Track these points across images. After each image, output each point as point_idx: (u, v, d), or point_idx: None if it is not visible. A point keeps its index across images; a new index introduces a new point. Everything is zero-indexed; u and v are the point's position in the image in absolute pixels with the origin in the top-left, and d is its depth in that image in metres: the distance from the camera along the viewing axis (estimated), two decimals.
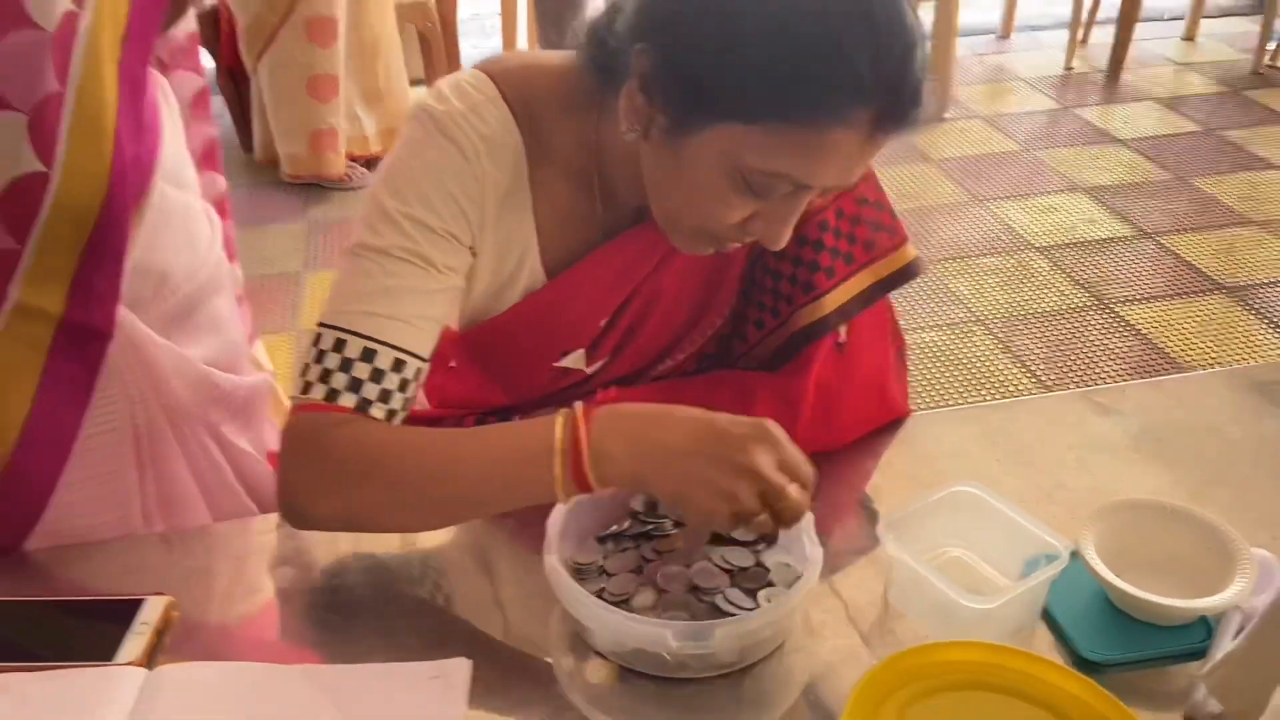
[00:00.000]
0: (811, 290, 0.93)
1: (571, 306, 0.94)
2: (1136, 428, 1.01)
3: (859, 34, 0.70)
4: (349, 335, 0.81)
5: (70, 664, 0.75)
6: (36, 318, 0.83)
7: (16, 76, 0.74)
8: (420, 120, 0.85)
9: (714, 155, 0.76)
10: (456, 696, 0.75)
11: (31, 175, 0.78)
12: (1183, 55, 4.50)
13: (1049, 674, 0.74)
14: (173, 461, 0.94)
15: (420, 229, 0.83)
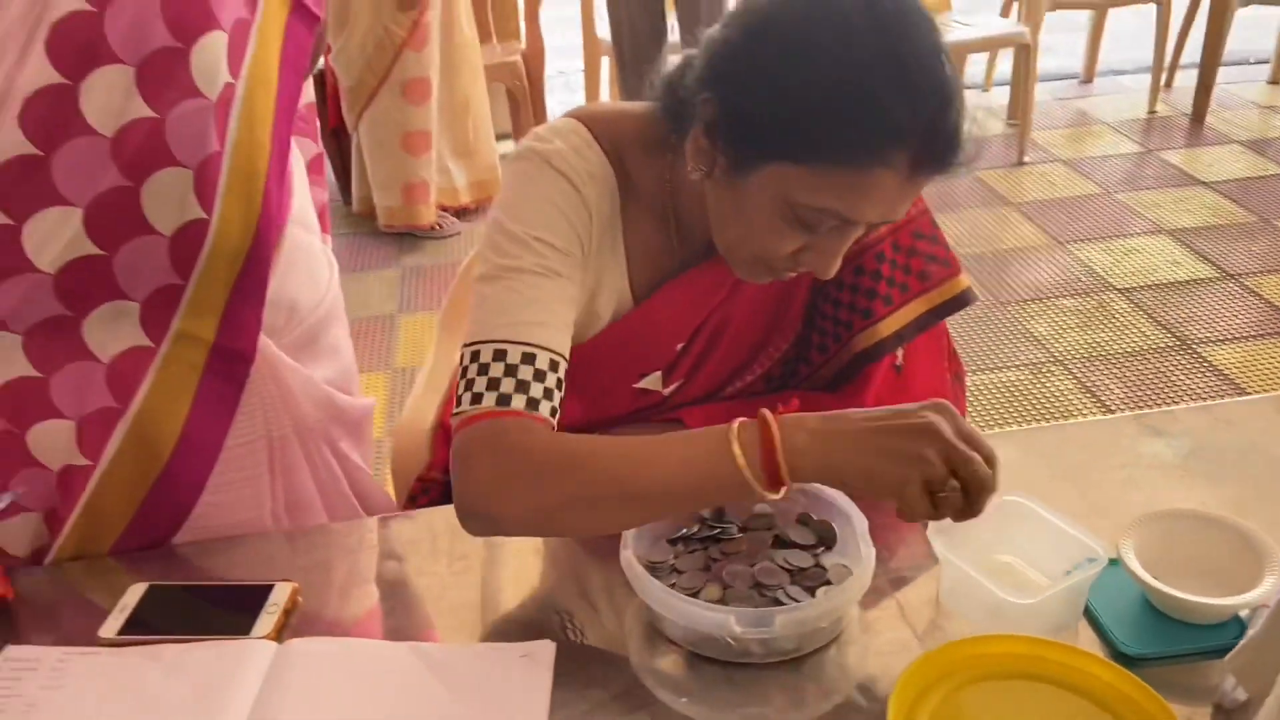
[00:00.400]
0: (870, 316, 1.02)
1: (652, 331, 1.03)
2: (1186, 448, 1.06)
3: (895, 86, 0.79)
4: (508, 344, 0.88)
5: (213, 637, 0.86)
6: (193, 344, 0.95)
7: (186, 138, 0.87)
8: (528, 158, 0.95)
9: (768, 192, 0.85)
10: (542, 674, 0.84)
11: (195, 222, 0.90)
12: (1269, 99, 4.45)
13: (1088, 665, 0.80)
14: (298, 470, 1.06)
15: (547, 247, 0.92)
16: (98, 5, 0.82)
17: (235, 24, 0.88)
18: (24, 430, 0.94)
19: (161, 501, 0.99)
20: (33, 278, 0.88)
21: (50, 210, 0.86)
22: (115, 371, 0.94)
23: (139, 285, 0.92)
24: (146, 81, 0.85)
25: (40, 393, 0.93)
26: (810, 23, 0.81)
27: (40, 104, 0.83)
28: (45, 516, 0.98)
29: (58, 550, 0.98)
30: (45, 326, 0.91)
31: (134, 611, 0.90)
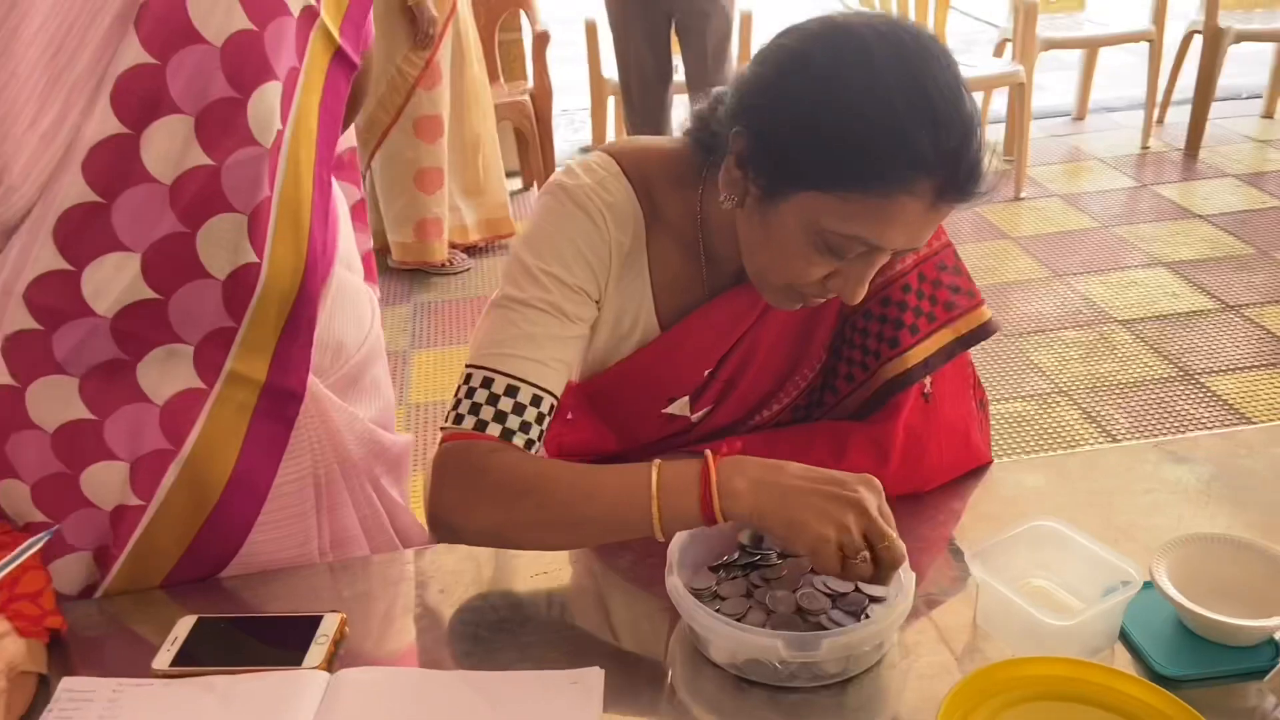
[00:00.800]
0: (898, 345, 1.04)
1: (680, 357, 1.06)
2: (1208, 474, 1.08)
3: (920, 119, 0.82)
4: (495, 374, 0.95)
5: (265, 668, 0.88)
6: (245, 384, 0.97)
7: (240, 185, 0.90)
8: (554, 193, 1.00)
9: (798, 220, 0.88)
10: (593, 700, 0.85)
11: (248, 265, 0.93)
12: (1262, 132, 4.53)
13: (1128, 686, 0.81)
14: (343, 507, 1.08)
15: (556, 283, 0.97)
16: (160, 58, 0.85)
17: (288, 73, 0.91)
18: (78, 472, 0.95)
19: (211, 539, 1.00)
20: (91, 322, 0.90)
21: (109, 256, 0.88)
22: (169, 413, 0.96)
23: (193, 328, 0.94)
24: (205, 130, 0.87)
25: (95, 435, 0.94)
26: (838, 59, 0.85)
27: (103, 154, 0.85)
28: (95, 554, 0.99)
29: (107, 586, 1.00)
30: (101, 370, 0.93)
31: (184, 644, 0.91)
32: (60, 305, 0.88)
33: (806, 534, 0.84)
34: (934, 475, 1.08)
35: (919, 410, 1.06)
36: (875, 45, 0.84)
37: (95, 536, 0.98)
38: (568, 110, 5.27)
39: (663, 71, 3.64)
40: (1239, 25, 4.10)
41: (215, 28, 0.86)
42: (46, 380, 0.91)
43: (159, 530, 0.98)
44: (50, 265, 0.87)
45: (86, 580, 1.00)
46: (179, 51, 0.85)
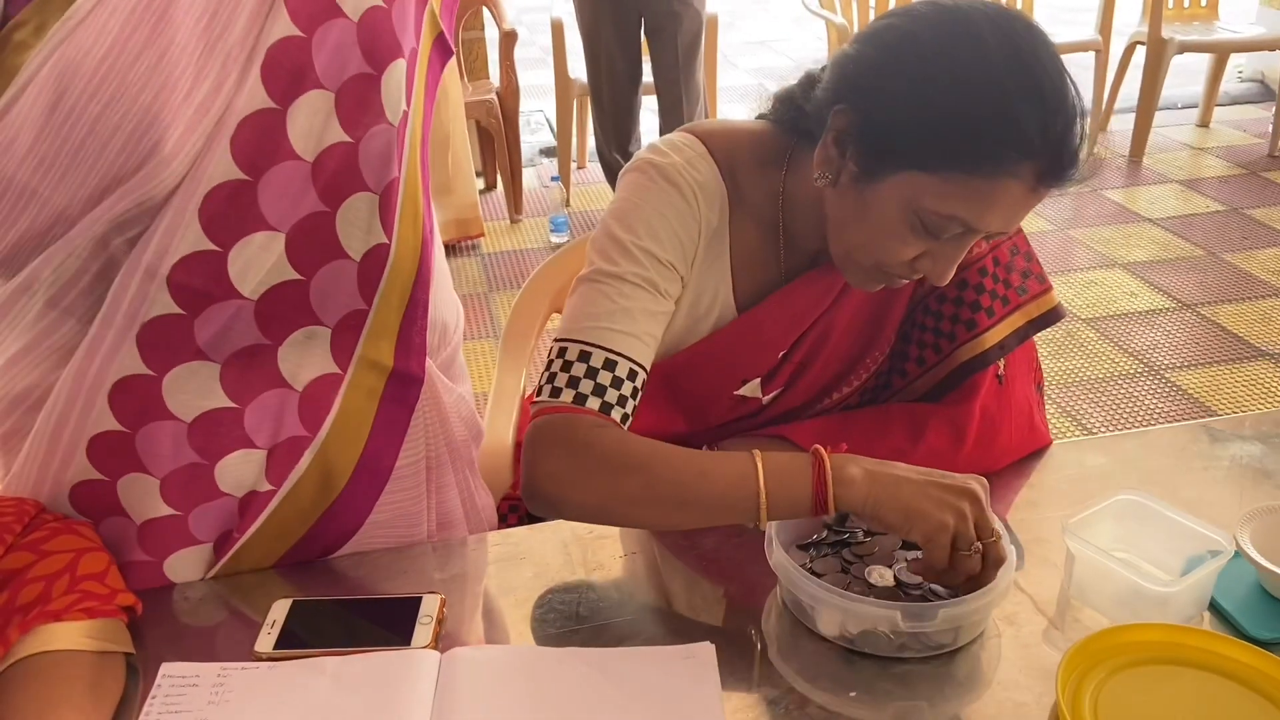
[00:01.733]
0: (974, 328, 1.07)
1: (755, 339, 1.07)
2: (1258, 451, 1.13)
3: (1029, 103, 0.84)
4: (593, 348, 0.94)
5: (374, 649, 0.86)
6: (373, 369, 0.96)
7: (374, 163, 0.88)
8: (644, 170, 1.00)
9: (897, 199, 0.90)
10: (709, 674, 0.85)
11: (379, 246, 0.91)
12: (1199, 141, 4.72)
13: (1231, 650, 0.84)
14: (448, 489, 1.06)
15: (649, 258, 0.97)
16: (306, 30, 0.82)
17: (410, 53, 0.90)
18: (214, 463, 0.92)
19: (331, 524, 0.98)
20: (236, 304, 0.87)
21: (255, 236, 0.85)
22: (307, 399, 0.93)
23: (331, 310, 0.92)
24: (344, 107, 0.85)
25: (235, 423, 0.91)
26: (948, 40, 0.86)
27: (250, 129, 0.82)
28: (216, 542, 0.97)
29: (219, 569, 0.97)
30: (242, 355, 0.90)
31: (284, 627, 0.89)
32: (206, 287, 0.85)
33: (926, 522, 0.84)
34: (1004, 455, 1.11)
35: (993, 392, 1.08)
36: (985, 27, 0.85)
37: (220, 526, 0.96)
38: (523, 112, 5.24)
39: (633, 73, 3.66)
40: (1180, 36, 4.27)
41: (353, 3, 0.84)
42: (187, 367, 0.88)
43: (283, 515, 0.96)
44: (196, 245, 0.84)
45: (202, 572, 0.98)
46: (323, 25, 0.83)
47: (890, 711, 0.83)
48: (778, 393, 1.11)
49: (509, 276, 3.56)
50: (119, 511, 0.92)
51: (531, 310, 1.43)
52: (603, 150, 3.82)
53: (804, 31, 7.20)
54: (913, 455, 1.06)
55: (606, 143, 3.78)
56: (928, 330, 1.10)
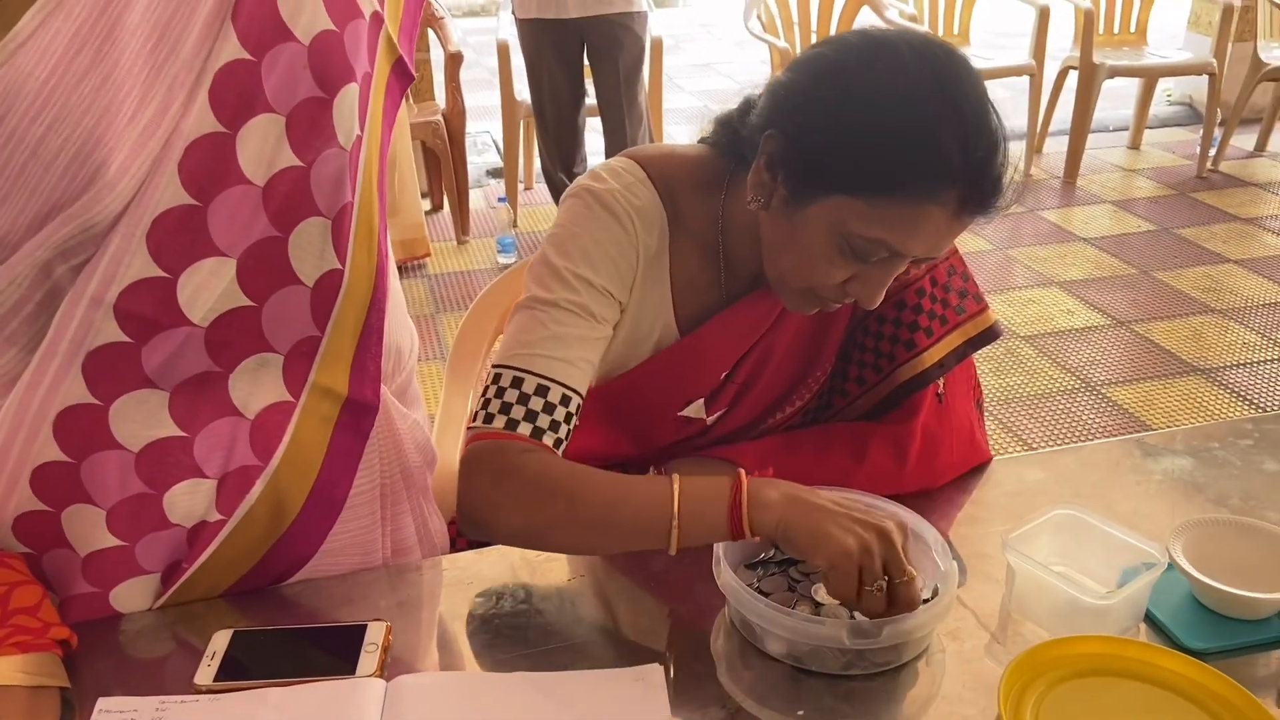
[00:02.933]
0: (914, 347, 1.09)
1: (697, 360, 1.08)
2: (1189, 465, 1.16)
3: (950, 130, 0.86)
4: (526, 374, 0.95)
5: (320, 678, 0.85)
6: (327, 396, 0.94)
7: (326, 188, 0.87)
8: (580, 197, 1.01)
9: (825, 222, 0.91)
10: (658, 696, 0.85)
11: (332, 272, 0.90)
12: (1130, 162, 4.86)
13: (1167, 661, 0.86)
14: (403, 516, 1.05)
15: (584, 285, 0.98)
16: (255, 54, 0.82)
17: (363, 77, 0.89)
18: (162, 492, 0.90)
19: (283, 553, 0.97)
20: (185, 331, 0.85)
21: (205, 261, 0.84)
22: (259, 427, 0.92)
23: (283, 337, 0.91)
24: (295, 131, 0.85)
25: (184, 453, 0.90)
26: (873, 70, 0.88)
27: (199, 153, 0.81)
28: (164, 573, 0.94)
29: (166, 600, 0.95)
30: (192, 383, 0.88)
31: (225, 658, 0.87)
32: (154, 314, 0.84)
33: (829, 546, 0.83)
34: (946, 472, 1.13)
35: (934, 410, 1.10)
36: (910, 58, 0.88)
37: (168, 556, 0.94)
38: (469, 133, 5.24)
39: (575, 94, 3.67)
40: (1111, 61, 4.40)
41: (304, 25, 0.83)
42: (134, 396, 0.86)
43: (234, 545, 0.94)
44: (144, 272, 0.82)
45: (149, 602, 0.95)
46: (273, 49, 0.82)
47: None
48: (722, 413, 1.12)
49: (456, 298, 3.54)
50: (63, 544, 0.90)
51: (478, 331, 1.43)
52: (549, 171, 3.83)
53: (748, 55, 7.30)
54: (857, 474, 1.07)
55: (552, 164, 3.80)
56: (868, 350, 1.12)
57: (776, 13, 4.26)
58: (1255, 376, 2.97)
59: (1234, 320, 3.31)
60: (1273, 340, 3.17)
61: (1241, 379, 2.95)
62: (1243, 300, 3.44)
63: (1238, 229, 4.03)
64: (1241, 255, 3.79)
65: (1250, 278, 3.61)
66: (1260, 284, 3.56)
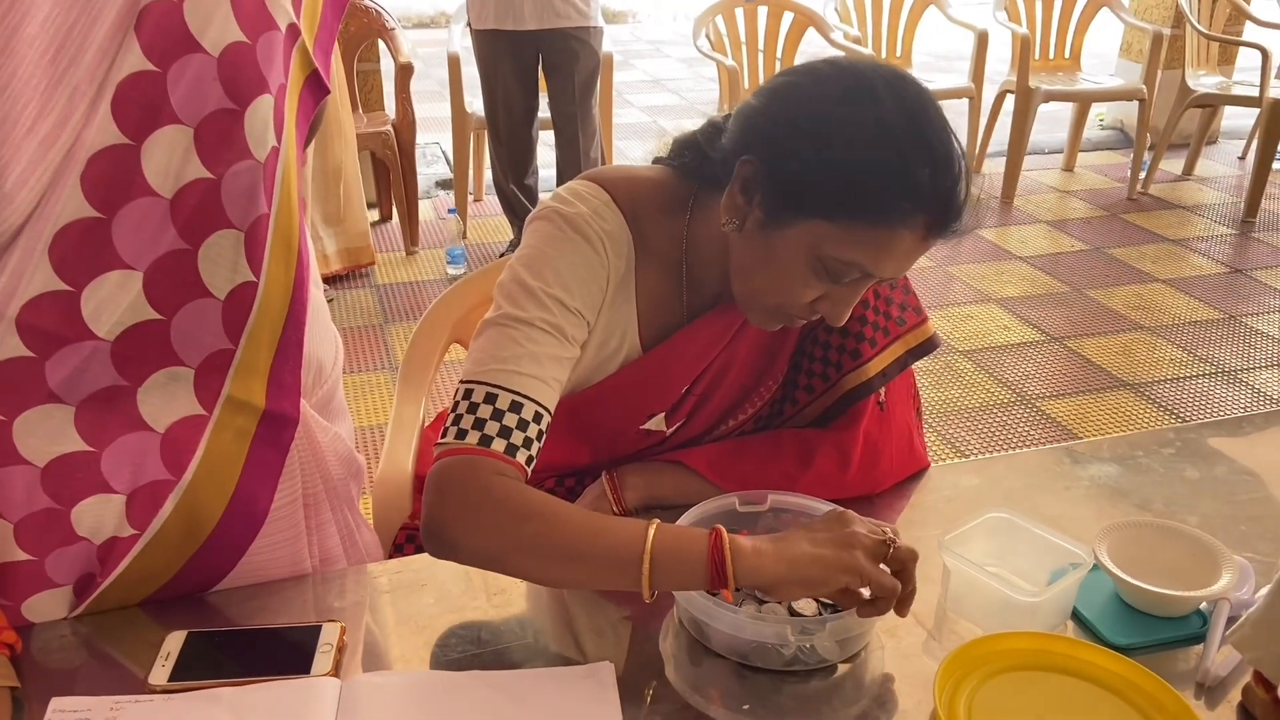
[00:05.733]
0: (859, 357, 1.13)
1: (661, 375, 1.11)
2: (1115, 472, 1.22)
3: (922, 159, 0.91)
4: (500, 390, 0.95)
5: (275, 678, 0.86)
6: (243, 410, 0.94)
7: (238, 200, 0.87)
8: (551, 220, 1.03)
9: (800, 245, 0.95)
10: (609, 693, 0.88)
11: (245, 284, 0.90)
12: (1064, 184, 5.01)
13: (1092, 655, 0.91)
14: (327, 527, 1.05)
15: (557, 305, 1.00)
16: (161, 65, 0.82)
17: (278, 89, 0.90)
18: (69, 507, 0.90)
19: (200, 566, 0.97)
20: (90, 345, 0.85)
21: (110, 274, 0.84)
22: (169, 442, 0.92)
23: (194, 350, 0.90)
24: (204, 142, 0.85)
25: (91, 468, 0.89)
26: (849, 100, 0.92)
27: (103, 164, 0.81)
28: (76, 585, 0.94)
29: (84, 609, 0.95)
30: (99, 398, 0.88)
31: (179, 659, 0.88)
32: (57, 329, 0.83)
33: (830, 589, 0.88)
34: (886, 478, 1.17)
35: (875, 418, 1.14)
36: (882, 89, 0.91)
37: (80, 570, 0.93)
38: (419, 144, 5.23)
39: (529, 106, 3.70)
40: (1046, 86, 4.54)
41: (212, 37, 0.84)
42: (38, 410, 0.86)
43: (148, 560, 0.94)
44: (46, 286, 0.82)
45: (64, 612, 0.95)
46: (179, 60, 0.83)
47: None
48: (680, 425, 1.15)
49: (405, 308, 3.54)
50: None
51: (430, 341, 1.44)
52: (500, 183, 3.84)
53: (696, 73, 7.38)
54: (802, 479, 1.11)
55: (504, 176, 3.81)
56: (816, 360, 1.16)
57: (725, 32, 4.33)
58: (1181, 391, 3.08)
59: (1162, 337, 3.43)
60: (1198, 356, 3.29)
61: (1168, 393, 3.06)
62: (1170, 318, 3.57)
63: (1166, 249, 4.18)
64: (1169, 275, 3.93)
65: (1178, 296, 3.74)
66: (1187, 302, 3.69)
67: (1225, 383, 3.13)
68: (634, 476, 1.14)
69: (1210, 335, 3.44)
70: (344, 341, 3.51)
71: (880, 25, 4.75)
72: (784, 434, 1.16)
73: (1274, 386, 3.10)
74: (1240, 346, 3.36)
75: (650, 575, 0.87)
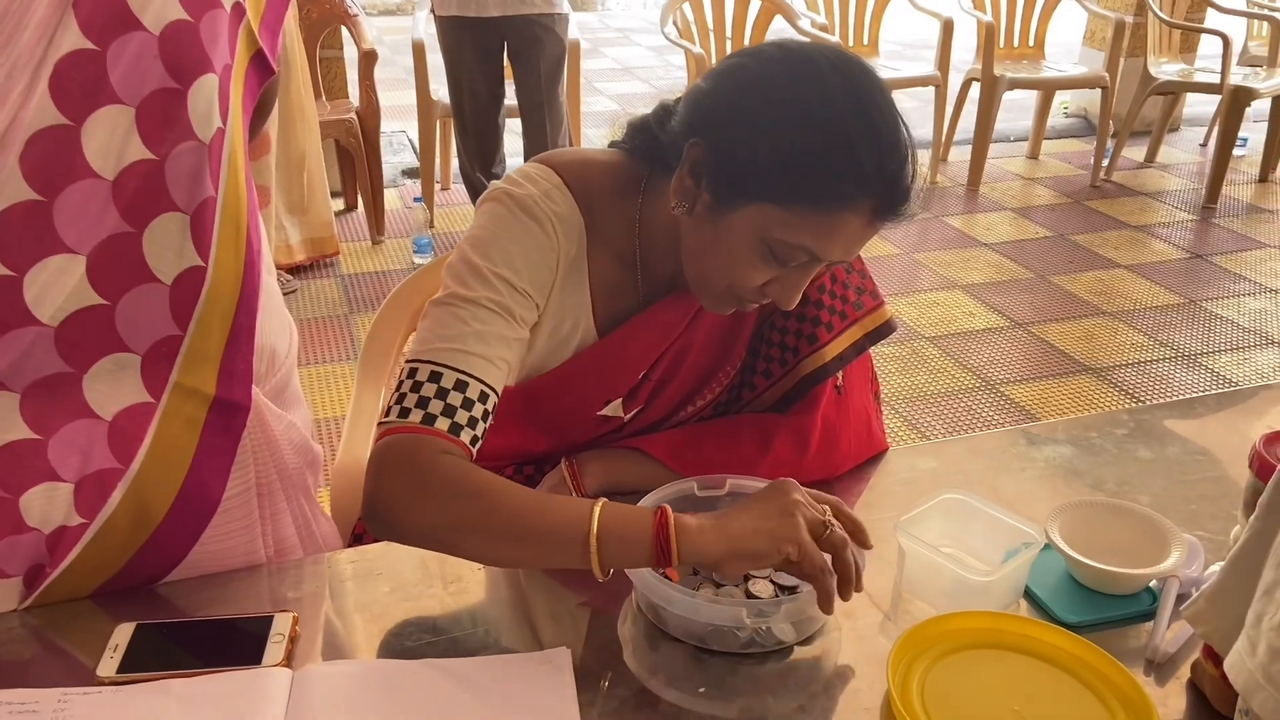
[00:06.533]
0: (815, 341, 1.13)
1: (617, 361, 1.10)
2: (1069, 453, 1.23)
3: (868, 143, 0.90)
4: (445, 369, 0.94)
5: (225, 669, 0.85)
6: (193, 397, 0.93)
7: (182, 181, 0.86)
8: (501, 201, 1.02)
9: (748, 229, 0.95)
10: (565, 678, 0.88)
11: (193, 269, 0.89)
12: (1029, 171, 5.05)
13: (1043, 633, 0.92)
14: (282, 516, 1.04)
15: (505, 285, 0.99)
16: (99, 43, 0.81)
17: (223, 69, 0.89)
18: (17, 496, 0.88)
19: (153, 554, 0.96)
20: (34, 331, 0.84)
21: (52, 259, 0.82)
22: (117, 430, 0.90)
23: (140, 337, 0.89)
24: (146, 123, 0.84)
25: (37, 456, 0.88)
26: (795, 83, 0.92)
27: (41, 146, 0.80)
28: (25, 576, 0.93)
29: (33, 600, 0.93)
30: (44, 385, 0.86)
31: (128, 650, 0.87)
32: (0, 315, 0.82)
33: (773, 560, 0.88)
34: (844, 462, 1.18)
35: (833, 402, 1.15)
36: (828, 72, 0.91)
37: (29, 560, 0.92)
38: (385, 132, 5.19)
39: (495, 94, 3.68)
40: (1011, 74, 4.57)
41: (153, 15, 0.83)
42: None
43: (98, 549, 0.92)
44: None
45: (14, 604, 0.93)
46: (118, 38, 0.81)
47: (737, 706, 0.87)
48: (638, 410, 1.15)
49: (370, 298, 3.51)
50: None
51: (390, 330, 1.43)
52: (467, 172, 3.82)
53: (664, 60, 7.37)
54: (760, 464, 1.11)
55: (471, 164, 3.79)
56: (774, 345, 1.16)
57: (692, 19, 4.32)
58: (1141, 375, 3.12)
59: (1123, 322, 3.47)
60: (1158, 341, 3.33)
61: (1129, 377, 3.10)
62: (1132, 303, 3.61)
63: (1128, 236, 4.22)
64: (1131, 261, 3.97)
65: (1139, 282, 3.78)
66: (1148, 288, 3.73)
67: (1185, 367, 3.17)
68: (594, 463, 1.13)
69: (1171, 320, 3.49)
70: (308, 332, 3.46)
71: (847, 13, 4.76)
72: (742, 419, 1.16)
73: (1232, 370, 3.15)
74: (1200, 331, 3.41)
75: (600, 560, 0.87)
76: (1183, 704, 0.88)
